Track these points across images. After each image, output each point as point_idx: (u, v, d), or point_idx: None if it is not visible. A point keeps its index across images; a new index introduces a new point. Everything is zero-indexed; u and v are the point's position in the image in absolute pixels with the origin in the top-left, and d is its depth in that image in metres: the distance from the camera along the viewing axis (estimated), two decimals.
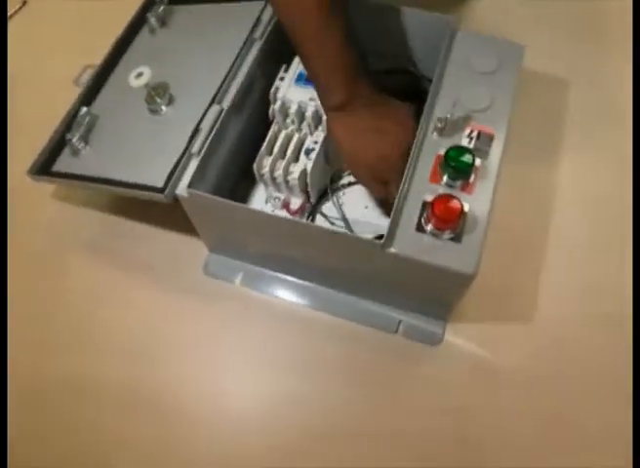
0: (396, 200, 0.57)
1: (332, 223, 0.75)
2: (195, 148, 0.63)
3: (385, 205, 0.73)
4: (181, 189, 0.62)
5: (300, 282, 0.75)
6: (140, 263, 0.78)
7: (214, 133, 0.64)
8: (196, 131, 0.65)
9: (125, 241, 0.79)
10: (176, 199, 0.63)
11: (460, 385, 0.69)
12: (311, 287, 0.74)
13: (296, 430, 0.68)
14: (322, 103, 0.64)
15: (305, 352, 0.71)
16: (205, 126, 0.64)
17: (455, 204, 0.55)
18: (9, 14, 0.99)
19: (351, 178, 0.77)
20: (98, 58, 0.77)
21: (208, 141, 0.63)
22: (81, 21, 1.00)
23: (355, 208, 0.75)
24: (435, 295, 0.65)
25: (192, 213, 0.67)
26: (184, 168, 0.63)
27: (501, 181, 0.60)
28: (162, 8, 0.78)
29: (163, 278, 0.77)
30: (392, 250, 0.56)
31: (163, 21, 0.79)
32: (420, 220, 0.57)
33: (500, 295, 0.72)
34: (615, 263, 0.74)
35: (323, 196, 0.77)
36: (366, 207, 0.75)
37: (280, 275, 0.75)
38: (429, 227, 0.56)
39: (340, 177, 0.78)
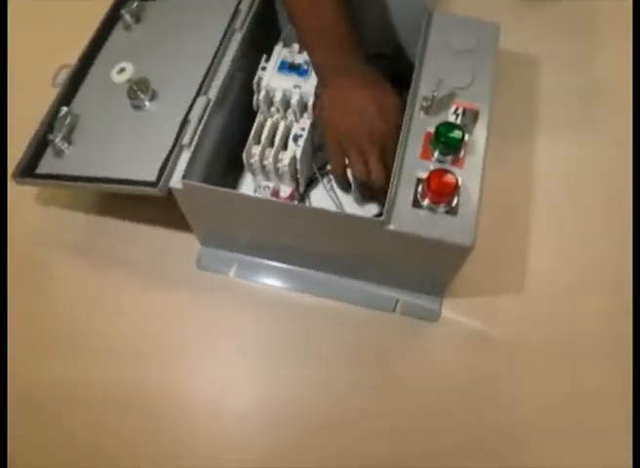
0: (392, 176, 0.58)
1: None
2: (186, 140, 0.63)
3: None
4: (175, 181, 0.61)
5: (295, 268, 0.75)
6: (130, 262, 0.77)
7: (203, 124, 0.64)
8: (184, 123, 0.64)
9: (113, 241, 0.78)
10: (168, 192, 0.62)
11: (461, 361, 0.70)
12: (306, 272, 0.75)
13: (295, 421, 0.68)
14: (318, 71, 0.64)
15: (304, 338, 0.72)
16: (194, 117, 0.64)
17: (449, 178, 0.57)
18: None
19: None
20: (72, 57, 0.76)
21: (198, 133, 0.63)
22: (52, 21, 0.98)
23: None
24: (432, 271, 0.67)
25: (185, 205, 0.66)
26: (176, 160, 0.62)
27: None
28: (136, 4, 0.77)
29: (154, 276, 0.76)
30: (391, 226, 0.57)
31: (137, 17, 0.78)
32: (415, 196, 0.58)
33: (491, 269, 0.74)
34: (599, 236, 0.77)
35: (310, 185, 0.77)
36: None
37: (274, 263, 0.75)
38: (426, 202, 0.58)
39: (326, 164, 0.78)
